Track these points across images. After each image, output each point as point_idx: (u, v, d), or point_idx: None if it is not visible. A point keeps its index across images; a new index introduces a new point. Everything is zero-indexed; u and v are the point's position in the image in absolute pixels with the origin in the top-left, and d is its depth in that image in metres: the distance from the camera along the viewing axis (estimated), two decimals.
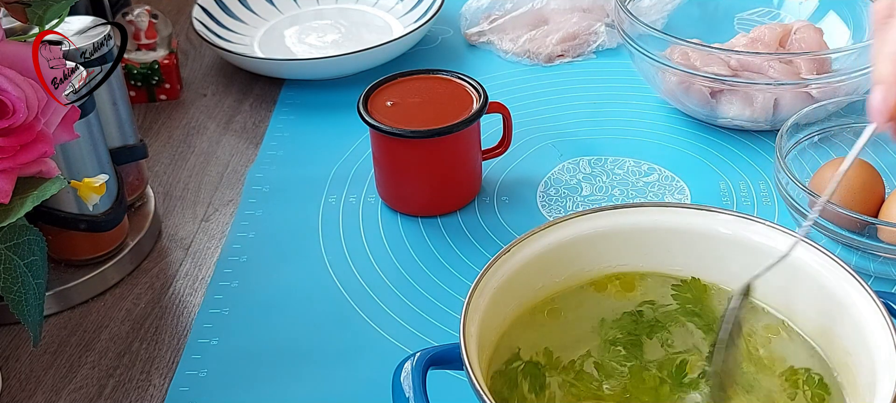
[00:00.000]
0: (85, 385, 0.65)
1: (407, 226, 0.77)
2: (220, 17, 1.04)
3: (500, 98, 0.85)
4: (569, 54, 0.99)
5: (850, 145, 0.78)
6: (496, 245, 0.74)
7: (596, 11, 1.02)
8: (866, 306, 0.50)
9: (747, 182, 0.80)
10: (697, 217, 0.57)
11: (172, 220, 0.80)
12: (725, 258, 0.56)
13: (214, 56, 1.04)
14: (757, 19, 0.95)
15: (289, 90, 0.97)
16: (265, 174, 0.85)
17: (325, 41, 1.03)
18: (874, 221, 0.66)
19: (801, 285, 0.54)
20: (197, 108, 0.96)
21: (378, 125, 0.74)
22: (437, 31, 1.05)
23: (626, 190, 0.80)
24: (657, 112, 0.90)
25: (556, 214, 0.77)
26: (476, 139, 0.78)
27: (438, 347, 0.52)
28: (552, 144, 0.86)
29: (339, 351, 0.66)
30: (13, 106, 0.53)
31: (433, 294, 0.71)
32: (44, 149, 0.55)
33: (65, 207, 0.71)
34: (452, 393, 0.56)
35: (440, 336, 0.67)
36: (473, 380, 0.46)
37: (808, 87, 0.81)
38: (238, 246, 0.76)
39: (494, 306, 0.53)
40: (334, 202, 0.81)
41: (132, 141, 0.78)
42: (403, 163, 0.76)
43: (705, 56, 0.83)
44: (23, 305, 0.58)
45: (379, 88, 0.78)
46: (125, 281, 0.74)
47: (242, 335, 0.68)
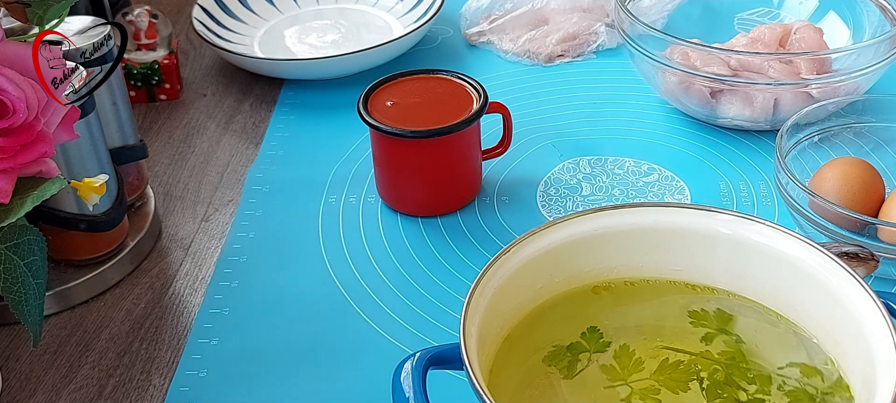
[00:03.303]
0: (85, 385, 0.65)
1: (407, 226, 0.77)
2: (220, 17, 1.04)
3: (500, 98, 0.85)
4: (569, 54, 0.99)
5: (849, 145, 0.78)
6: (496, 245, 0.74)
7: (596, 11, 1.02)
8: (866, 306, 0.50)
9: (747, 182, 0.80)
10: (697, 217, 0.57)
11: (172, 220, 0.80)
12: (725, 258, 0.56)
13: (214, 56, 1.04)
14: (757, 19, 0.95)
15: (289, 90, 0.97)
16: (265, 174, 0.85)
17: (325, 41, 1.03)
18: (874, 221, 0.66)
19: (802, 285, 0.54)
20: (197, 108, 0.96)
21: (378, 125, 0.74)
22: (437, 31, 1.05)
23: (626, 190, 0.80)
24: (657, 112, 0.90)
25: (556, 214, 0.77)
26: (476, 139, 0.78)
27: (438, 347, 0.52)
28: (552, 144, 0.86)
29: (339, 351, 0.66)
30: (13, 106, 0.53)
31: (433, 294, 0.71)
32: (44, 149, 0.55)
33: (65, 207, 0.71)
34: (452, 393, 0.56)
35: (440, 336, 0.67)
36: (473, 380, 0.46)
37: (808, 87, 0.81)
38: (238, 246, 0.76)
39: (494, 306, 0.53)
40: (334, 202, 0.81)
41: (132, 141, 0.78)
42: (403, 163, 0.76)
43: (705, 56, 0.83)
44: (23, 305, 0.58)
45: (379, 88, 0.78)
46: (125, 281, 0.74)
47: (242, 335, 0.68)
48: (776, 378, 0.52)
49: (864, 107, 0.78)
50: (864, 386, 0.49)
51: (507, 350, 0.55)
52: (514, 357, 0.54)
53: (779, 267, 0.54)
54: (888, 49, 0.80)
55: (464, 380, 0.47)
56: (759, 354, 0.54)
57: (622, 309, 0.57)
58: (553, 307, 0.57)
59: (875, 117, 0.78)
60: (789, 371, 0.53)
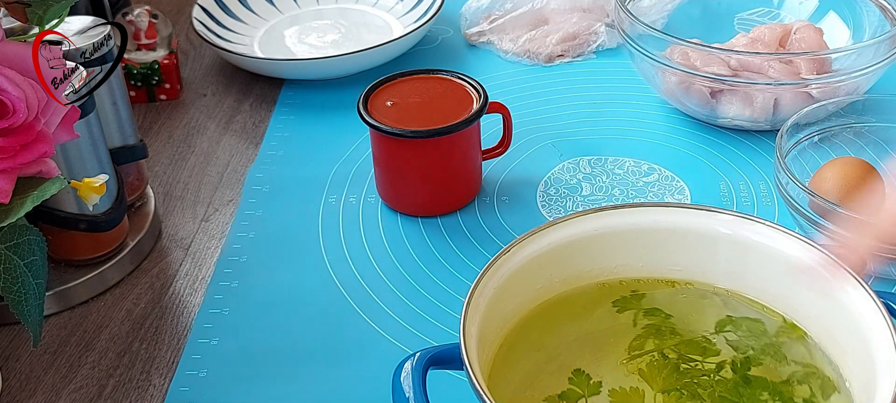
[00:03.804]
0: (85, 385, 0.65)
1: (407, 226, 0.77)
2: (220, 17, 1.04)
3: (500, 98, 0.85)
4: (569, 54, 0.99)
5: (849, 145, 0.78)
6: (496, 245, 0.74)
7: (596, 11, 1.02)
8: (866, 306, 0.50)
9: (747, 182, 0.80)
10: (697, 217, 0.57)
11: (172, 220, 0.80)
12: (725, 258, 0.56)
13: (214, 56, 1.04)
14: (757, 19, 0.95)
15: (289, 90, 0.97)
16: (265, 174, 0.85)
17: (325, 41, 1.03)
18: (874, 221, 0.66)
19: (802, 285, 0.54)
20: (197, 108, 0.96)
21: (378, 125, 0.74)
22: (437, 31, 1.05)
23: (626, 190, 0.80)
24: (657, 112, 0.90)
25: (556, 214, 0.77)
26: (476, 139, 0.78)
27: (438, 347, 0.52)
28: (552, 144, 0.86)
29: (339, 351, 0.66)
30: (13, 106, 0.53)
31: (433, 294, 0.71)
32: (44, 149, 0.55)
33: (65, 207, 0.71)
34: (452, 393, 0.56)
35: (440, 336, 0.67)
36: (473, 380, 0.46)
37: (808, 87, 0.81)
38: (238, 246, 0.76)
39: (494, 306, 0.53)
40: (334, 202, 0.81)
41: (132, 141, 0.78)
42: (403, 163, 0.76)
43: (705, 56, 0.83)
44: (23, 305, 0.58)
45: (379, 88, 0.78)
46: (125, 281, 0.74)
47: (242, 335, 0.68)
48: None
49: (864, 107, 0.78)
50: (864, 386, 0.49)
51: (507, 350, 0.55)
52: (514, 357, 0.54)
53: (779, 267, 0.54)
54: (888, 49, 0.80)
55: (464, 380, 0.47)
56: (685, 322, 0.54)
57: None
58: (553, 307, 0.57)
59: (875, 117, 0.78)
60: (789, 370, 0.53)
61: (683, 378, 0.52)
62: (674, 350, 0.54)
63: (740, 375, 0.52)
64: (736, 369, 0.53)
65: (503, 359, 0.54)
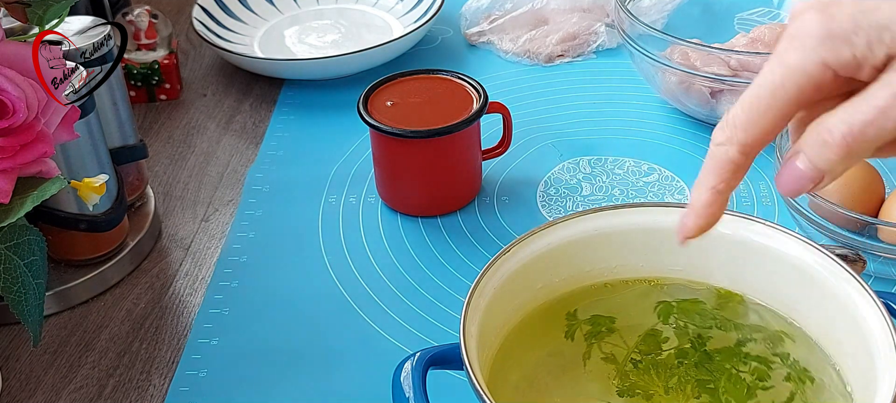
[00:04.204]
0: (85, 385, 0.65)
1: (407, 226, 0.77)
2: (220, 17, 1.04)
3: (500, 98, 0.85)
4: (569, 54, 0.99)
5: None
6: (496, 245, 0.74)
7: (596, 11, 1.02)
8: (866, 306, 0.50)
9: (747, 182, 0.80)
10: None
11: (172, 220, 0.80)
12: (725, 258, 0.56)
13: (214, 56, 1.04)
14: (757, 19, 0.95)
15: (289, 90, 0.97)
16: (265, 174, 0.85)
17: (325, 41, 1.03)
18: (874, 221, 0.66)
19: (802, 285, 0.54)
20: (197, 108, 0.96)
21: (378, 125, 0.74)
22: (437, 31, 1.05)
23: (626, 190, 0.80)
24: (657, 112, 0.90)
25: (556, 214, 0.77)
26: (476, 139, 0.78)
27: (438, 347, 0.52)
28: (552, 144, 0.86)
29: (339, 351, 0.66)
30: (13, 106, 0.53)
31: (433, 294, 0.71)
32: (44, 149, 0.55)
33: (65, 207, 0.71)
34: (452, 393, 0.56)
35: (440, 336, 0.67)
36: (473, 380, 0.46)
37: None
38: (238, 246, 0.76)
39: (494, 306, 0.53)
40: (334, 202, 0.81)
41: (132, 141, 0.78)
42: (403, 163, 0.76)
43: (705, 56, 0.83)
44: (23, 305, 0.58)
45: (379, 88, 0.78)
46: (125, 281, 0.74)
47: (242, 335, 0.68)
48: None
49: None
50: (864, 386, 0.49)
51: (507, 350, 0.55)
52: (514, 357, 0.54)
53: (779, 267, 0.54)
54: None
55: (464, 380, 0.47)
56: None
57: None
58: (553, 307, 0.57)
59: None
60: (790, 370, 0.53)
61: (656, 374, 0.53)
62: (632, 350, 0.54)
63: (700, 354, 0.53)
64: (696, 349, 0.53)
65: (503, 359, 0.54)
